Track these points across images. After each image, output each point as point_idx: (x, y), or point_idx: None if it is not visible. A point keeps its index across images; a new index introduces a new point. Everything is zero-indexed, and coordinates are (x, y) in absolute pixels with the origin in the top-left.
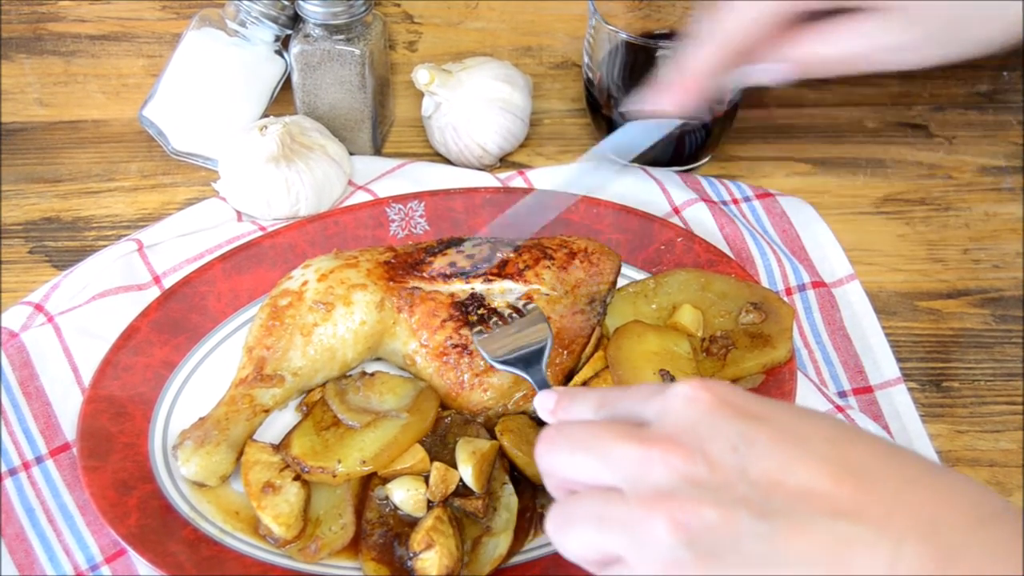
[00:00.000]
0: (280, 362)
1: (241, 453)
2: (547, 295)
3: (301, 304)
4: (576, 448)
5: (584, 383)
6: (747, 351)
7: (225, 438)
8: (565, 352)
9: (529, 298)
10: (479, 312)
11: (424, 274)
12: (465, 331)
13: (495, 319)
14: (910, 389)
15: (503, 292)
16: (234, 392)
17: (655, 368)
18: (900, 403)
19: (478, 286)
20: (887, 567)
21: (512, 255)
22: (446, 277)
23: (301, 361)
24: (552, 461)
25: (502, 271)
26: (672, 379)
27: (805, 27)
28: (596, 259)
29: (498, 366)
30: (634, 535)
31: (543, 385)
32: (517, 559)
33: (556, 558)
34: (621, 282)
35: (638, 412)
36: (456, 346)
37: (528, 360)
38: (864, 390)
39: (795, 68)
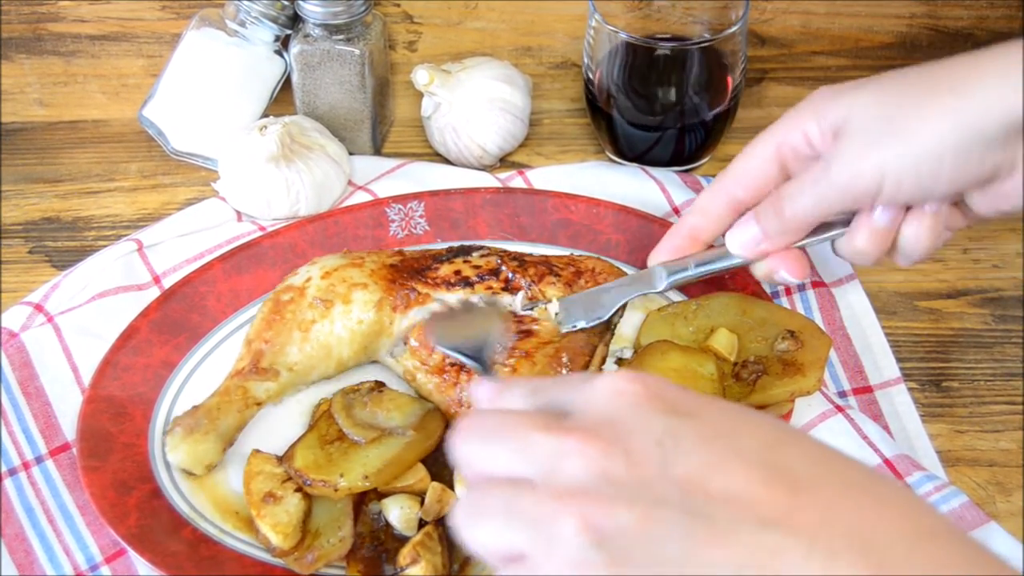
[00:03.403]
0: (277, 356)
1: (229, 444)
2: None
3: (302, 300)
4: (490, 438)
5: None
6: (777, 378)
7: (214, 428)
8: (565, 371)
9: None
10: None
11: (428, 280)
12: None
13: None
14: (910, 389)
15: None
16: (229, 383)
17: None
18: (900, 403)
19: (480, 297)
20: None
21: (518, 270)
22: (450, 285)
23: (297, 356)
24: (466, 451)
25: (508, 285)
26: None
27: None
28: (603, 279)
29: (442, 349)
30: (541, 532)
31: (484, 373)
32: None
33: None
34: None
35: (564, 402)
36: (454, 365)
37: (476, 349)
38: (864, 390)
39: (771, 233)
